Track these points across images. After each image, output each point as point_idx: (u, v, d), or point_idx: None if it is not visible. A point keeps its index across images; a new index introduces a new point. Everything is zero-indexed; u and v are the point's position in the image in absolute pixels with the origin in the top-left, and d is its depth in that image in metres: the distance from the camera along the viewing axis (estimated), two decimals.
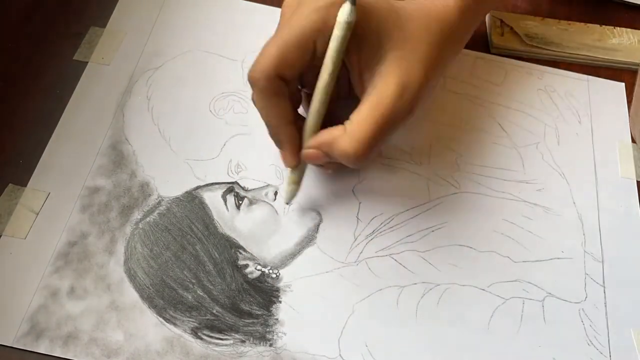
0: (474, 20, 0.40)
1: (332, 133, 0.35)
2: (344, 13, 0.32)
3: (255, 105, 0.36)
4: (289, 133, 0.36)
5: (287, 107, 0.35)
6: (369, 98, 0.35)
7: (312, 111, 0.36)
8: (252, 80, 0.34)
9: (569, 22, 0.51)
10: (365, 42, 0.35)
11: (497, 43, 0.49)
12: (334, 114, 0.36)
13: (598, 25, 0.51)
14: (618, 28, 0.51)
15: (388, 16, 0.35)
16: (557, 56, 0.49)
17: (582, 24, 0.51)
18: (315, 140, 0.36)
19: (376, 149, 0.35)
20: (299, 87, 0.39)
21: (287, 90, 0.35)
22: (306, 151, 0.36)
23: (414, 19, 0.36)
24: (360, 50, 0.35)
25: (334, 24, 0.33)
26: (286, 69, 0.34)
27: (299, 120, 0.37)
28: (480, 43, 0.50)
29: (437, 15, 0.37)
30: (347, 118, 0.35)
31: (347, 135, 0.34)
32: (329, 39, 0.33)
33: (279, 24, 0.36)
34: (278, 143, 0.37)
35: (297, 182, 0.38)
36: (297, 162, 0.37)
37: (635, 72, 0.49)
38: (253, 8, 0.49)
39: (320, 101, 0.35)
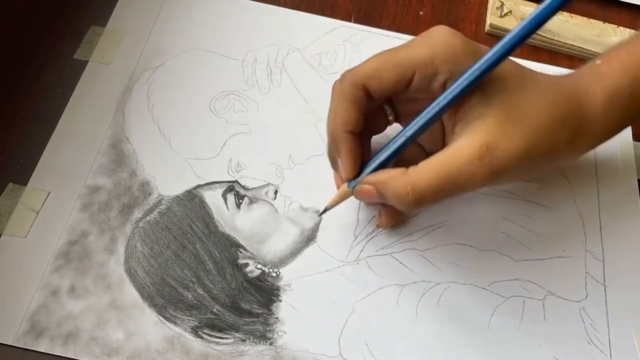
0: (617, 122, 0.35)
1: (391, 173, 0.34)
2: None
3: (329, 112, 0.35)
4: (348, 141, 0.34)
5: (356, 116, 0.34)
6: (446, 149, 0.32)
7: (393, 143, 0.34)
8: (338, 80, 0.34)
9: (572, 14, 0.51)
10: (477, 93, 0.32)
11: (494, 23, 0.49)
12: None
13: (600, 22, 0.51)
14: (622, 27, 0.51)
15: (510, 75, 0.33)
16: (552, 45, 0.49)
17: (585, 18, 0.51)
18: (372, 177, 0.34)
19: (434, 202, 0.33)
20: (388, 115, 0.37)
21: (366, 103, 0.34)
22: (360, 186, 0.35)
23: (541, 87, 0.33)
24: (466, 101, 0.33)
25: (439, 63, 0.32)
26: (375, 82, 0.33)
27: (364, 143, 0.35)
28: (476, 21, 0.50)
29: (573, 95, 0.33)
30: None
31: (406, 177, 0.32)
32: (436, 78, 0.32)
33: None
34: (335, 151, 0.35)
35: (337, 202, 0.37)
36: (353, 175, 0.35)
37: None
38: (253, 7, 0.49)
39: (408, 137, 0.34)
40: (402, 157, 0.35)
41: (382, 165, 0.35)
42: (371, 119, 0.36)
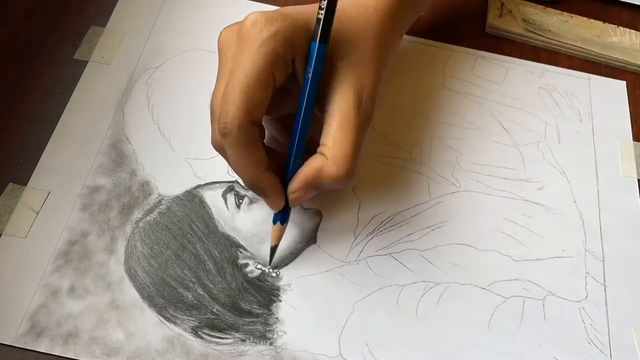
0: (411, 6, 0.41)
1: (314, 166, 0.34)
2: (319, 55, 0.33)
3: (227, 159, 0.34)
4: (269, 179, 0.34)
5: (263, 154, 0.33)
6: (334, 115, 0.33)
7: (294, 152, 0.34)
8: (224, 133, 0.32)
9: (572, 14, 0.51)
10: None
11: (493, 23, 0.49)
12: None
13: (600, 22, 0.51)
14: (622, 27, 0.51)
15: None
16: (552, 45, 0.49)
17: (585, 18, 0.51)
18: (299, 182, 0.34)
19: (358, 161, 0.34)
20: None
21: (260, 135, 0.33)
22: (293, 195, 0.35)
23: (352, 19, 0.36)
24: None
25: (284, 51, 0.32)
26: (256, 111, 0.32)
27: (272, 162, 0.35)
28: (476, 22, 0.50)
29: (375, 8, 0.37)
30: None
31: (331, 161, 0.33)
32: (288, 67, 0.33)
33: (222, 64, 0.34)
34: (261, 192, 0.35)
35: (279, 238, 0.37)
36: (283, 203, 0.35)
37: (635, 73, 0.49)
38: (253, 7, 0.49)
39: (300, 140, 0.34)
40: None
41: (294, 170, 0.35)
42: (274, 106, 0.35)
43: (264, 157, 0.33)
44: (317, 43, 0.33)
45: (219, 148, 0.34)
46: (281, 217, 0.36)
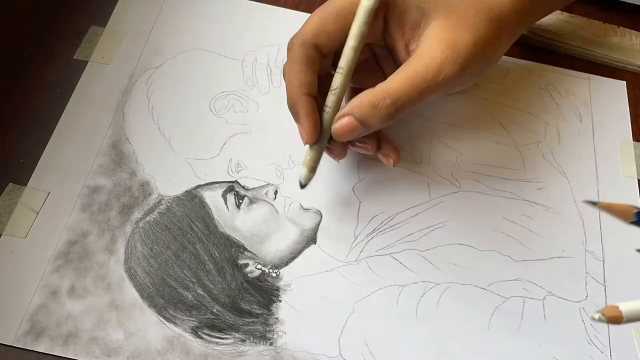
0: (526, 13, 0.39)
1: (361, 96, 0.34)
2: None
3: (283, 75, 0.36)
4: (306, 103, 0.35)
5: (311, 78, 0.35)
6: (409, 60, 0.34)
7: (333, 87, 0.35)
8: (289, 46, 0.35)
9: (572, 14, 0.51)
10: (408, 14, 0.35)
11: None
12: None
13: (601, 22, 0.51)
14: (622, 28, 0.51)
15: None
16: (552, 45, 0.49)
17: (585, 18, 0.51)
18: (345, 109, 0.35)
19: (410, 105, 0.34)
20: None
21: (318, 62, 0.35)
22: (338, 122, 0.35)
23: None
24: (404, 24, 0.35)
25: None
26: (324, 38, 0.35)
27: (319, 100, 0.36)
28: None
29: None
30: None
31: (378, 89, 0.34)
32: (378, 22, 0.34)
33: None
34: (295, 115, 0.36)
35: (312, 168, 0.37)
36: (314, 138, 0.35)
37: (635, 73, 0.49)
38: (253, 7, 0.49)
39: (343, 74, 0.35)
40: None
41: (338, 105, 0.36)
42: (320, 84, 0.36)
43: (310, 83, 0.35)
44: None
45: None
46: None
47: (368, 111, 0.34)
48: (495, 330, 0.37)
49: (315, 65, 0.35)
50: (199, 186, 0.40)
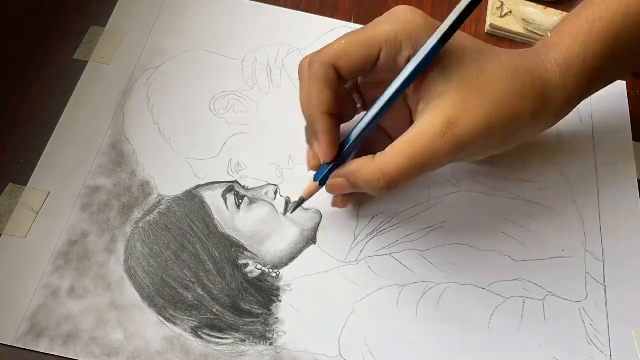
0: (576, 90, 0.35)
1: (360, 162, 0.34)
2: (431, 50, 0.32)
3: (299, 94, 0.35)
4: (325, 121, 0.34)
5: (330, 96, 0.34)
6: (410, 129, 0.33)
7: (364, 121, 0.35)
8: (305, 65, 0.34)
9: None
10: (436, 69, 0.33)
11: (493, 23, 0.49)
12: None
13: None
14: None
15: (468, 49, 0.33)
16: None
17: None
18: (341, 170, 0.35)
19: (404, 183, 0.34)
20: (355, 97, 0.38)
21: (337, 84, 0.34)
22: (331, 181, 0.36)
23: (499, 60, 0.33)
24: (427, 78, 0.33)
25: (403, 39, 0.33)
26: (344, 61, 0.34)
27: (338, 124, 0.36)
28: (476, 22, 0.50)
29: (531, 67, 0.34)
30: None
31: (375, 163, 0.33)
32: (398, 51, 0.33)
33: None
34: (312, 133, 0.35)
35: (311, 195, 0.38)
36: (332, 157, 0.35)
37: (635, 73, 0.49)
38: (253, 7, 0.49)
39: (374, 115, 0.34)
40: (371, 148, 0.35)
41: (354, 146, 0.35)
42: (339, 106, 0.36)
43: (330, 101, 0.34)
44: (436, 40, 0.32)
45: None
46: (322, 178, 0.36)
47: (362, 185, 0.34)
48: (495, 330, 0.37)
49: (335, 86, 0.34)
50: (199, 186, 0.40)
